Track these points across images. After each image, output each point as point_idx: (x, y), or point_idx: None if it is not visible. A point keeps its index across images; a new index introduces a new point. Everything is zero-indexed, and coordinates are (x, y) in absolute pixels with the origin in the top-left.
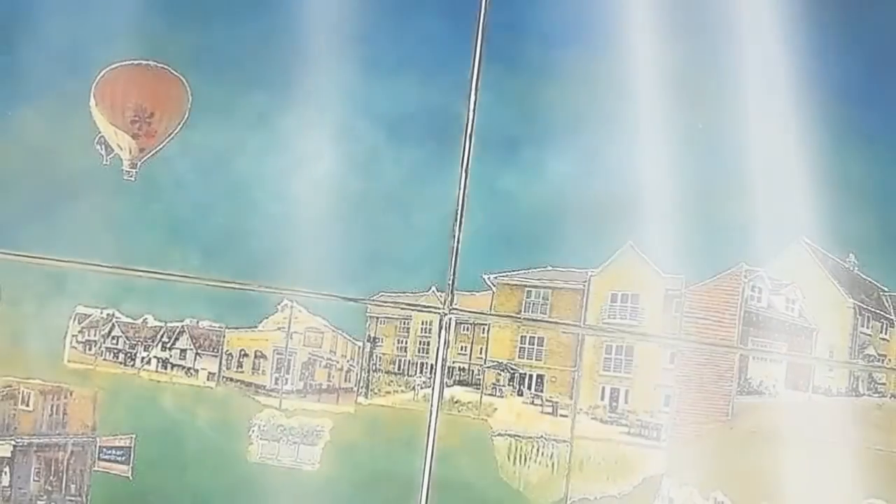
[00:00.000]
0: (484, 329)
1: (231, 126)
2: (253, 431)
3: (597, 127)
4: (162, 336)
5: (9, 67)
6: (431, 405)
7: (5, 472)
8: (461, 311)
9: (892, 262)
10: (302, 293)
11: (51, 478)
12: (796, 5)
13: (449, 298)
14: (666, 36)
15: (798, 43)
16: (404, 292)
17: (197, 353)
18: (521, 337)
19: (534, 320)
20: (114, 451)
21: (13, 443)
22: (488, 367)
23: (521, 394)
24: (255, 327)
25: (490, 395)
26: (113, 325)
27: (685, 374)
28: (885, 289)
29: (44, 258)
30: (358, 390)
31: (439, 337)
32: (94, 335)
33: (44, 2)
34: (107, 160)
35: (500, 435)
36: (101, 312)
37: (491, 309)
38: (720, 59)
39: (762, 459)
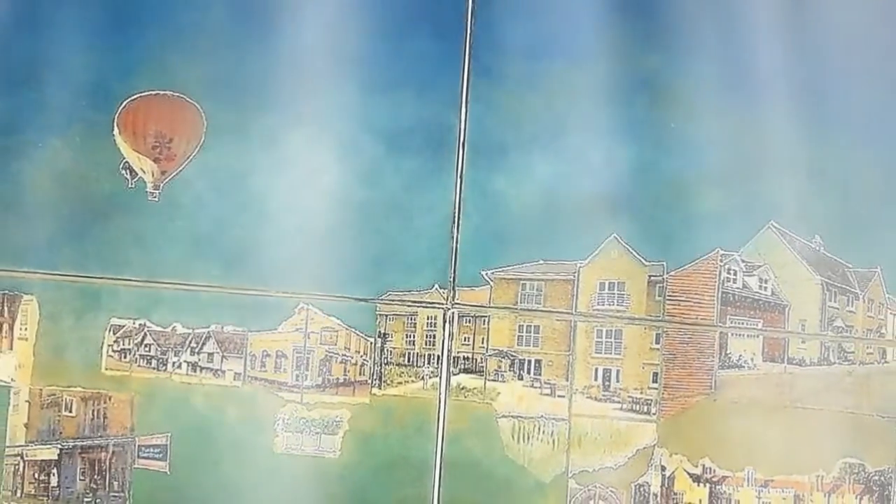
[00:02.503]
0: (484, 321)
1: (244, 147)
2: (278, 424)
3: (579, 131)
4: (190, 342)
5: (38, 103)
6: (440, 393)
7: (53, 474)
8: (463, 305)
9: (854, 241)
10: (316, 296)
11: (95, 477)
12: (756, 5)
13: (451, 294)
14: (637, 45)
15: (761, 36)
16: (410, 291)
17: (223, 356)
18: (519, 326)
19: (530, 310)
20: (151, 450)
21: (59, 446)
22: (490, 355)
23: (521, 378)
24: (275, 329)
25: (493, 380)
26: (145, 333)
27: (670, 352)
28: (850, 265)
29: (79, 276)
30: (372, 382)
31: (444, 330)
32: (129, 344)
33: (68, 42)
34: (131, 184)
35: (504, 417)
36: (134, 323)
37: (490, 302)
38: (690, 60)
39: (745, 427)
